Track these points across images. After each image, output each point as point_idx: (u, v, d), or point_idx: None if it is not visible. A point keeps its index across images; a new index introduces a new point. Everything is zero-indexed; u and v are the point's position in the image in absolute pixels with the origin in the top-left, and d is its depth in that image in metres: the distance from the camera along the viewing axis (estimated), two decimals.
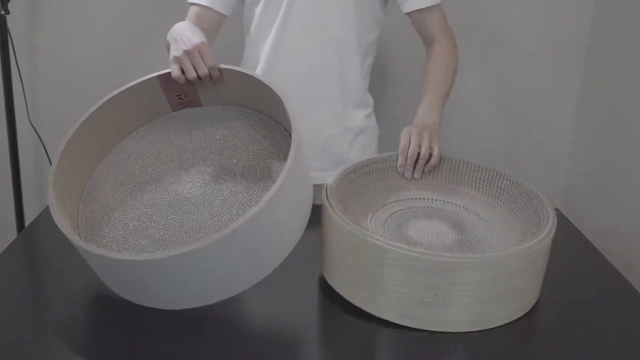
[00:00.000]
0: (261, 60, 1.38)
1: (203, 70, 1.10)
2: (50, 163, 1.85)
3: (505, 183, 1.14)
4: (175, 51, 1.11)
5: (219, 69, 1.11)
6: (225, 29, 1.44)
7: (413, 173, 1.19)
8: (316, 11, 1.33)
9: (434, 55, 1.37)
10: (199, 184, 1.09)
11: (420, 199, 1.18)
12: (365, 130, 1.45)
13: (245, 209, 1.03)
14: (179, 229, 1.02)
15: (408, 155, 1.17)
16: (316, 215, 1.08)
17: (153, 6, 1.85)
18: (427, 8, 1.35)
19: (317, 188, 1.15)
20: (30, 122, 1.83)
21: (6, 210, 1.88)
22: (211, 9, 1.35)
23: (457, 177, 1.20)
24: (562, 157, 1.98)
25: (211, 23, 1.36)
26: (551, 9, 1.85)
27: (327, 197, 1.05)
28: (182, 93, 1.16)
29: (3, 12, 1.67)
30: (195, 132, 1.17)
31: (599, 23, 1.83)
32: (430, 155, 1.19)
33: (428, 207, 1.17)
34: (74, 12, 1.84)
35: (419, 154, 1.18)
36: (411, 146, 1.17)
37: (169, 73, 1.12)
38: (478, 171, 1.18)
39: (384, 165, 1.21)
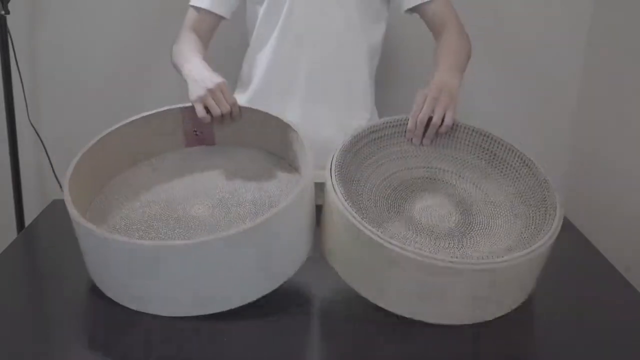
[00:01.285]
0: (264, 61, 1.38)
1: (225, 108, 1.13)
2: (50, 163, 1.85)
3: (517, 162, 1.09)
4: (199, 90, 1.14)
5: (239, 107, 1.16)
6: (227, 31, 1.44)
7: (422, 139, 1.12)
8: (318, 12, 1.33)
9: (443, 39, 1.31)
10: (207, 206, 1.11)
11: (428, 168, 1.12)
12: None
13: None
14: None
15: (418, 121, 1.10)
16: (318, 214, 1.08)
17: (154, 6, 1.85)
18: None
19: (318, 186, 1.15)
20: (30, 122, 1.83)
21: (6, 210, 1.88)
22: (211, 12, 1.36)
23: (471, 147, 1.13)
24: (562, 157, 1.98)
25: (209, 25, 1.38)
26: (550, 8, 1.85)
27: (330, 176, 1.02)
28: (199, 129, 1.21)
29: (3, 12, 1.67)
30: (210, 170, 1.19)
31: (599, 22, 1.83)
32: (442, 121, 1.11)
33: (436, 180, 1.11)
34: (74, 12, 1.84)
35: (430, 119, 1.10)
36: (423, 110, 1.09)
37: (192, 107, 1.16)
38: (492, 144, 1.11)
39: (393, 131, 1.13)
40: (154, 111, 1.18)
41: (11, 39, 1.71)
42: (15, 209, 1.81)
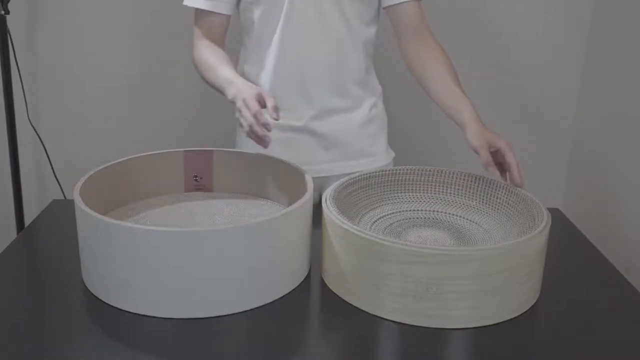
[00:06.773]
0: (266, 63, 1.38)
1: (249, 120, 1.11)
2: (50, 163, 1.86)
3: (504, 193, 1.18)
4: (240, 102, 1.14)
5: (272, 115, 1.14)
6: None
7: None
8: (317, 13, 1.33)
9: (439, 52, 1.35)
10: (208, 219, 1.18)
11: (421, 210, 1.22)
12: (372, 120, 1.46)
13: None
14: None
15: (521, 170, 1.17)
16: (318, 214, 1.08)
17: (154, 7, 1.85)
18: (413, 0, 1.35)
19: (325, 180, 1.15)
20: (30, 122, 1.83)
21: (6, 210, 1.88)
22: (216, 13, 1.37)
23: (458, 189, 1.24)
24: (563, 157, 1.99)
25: (220, 27, 1.39)
26: (551, 9, 1.85)
27: (325, 200, 1.07)
28: (199, 175, 1.26)
29: (3, 12, 1.67)
30: (209, 210, 1.22)
31: (599, 23, 1.84)
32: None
33: (429, 218, 1.20)
34: (74, 12, 1.84)
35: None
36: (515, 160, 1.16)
37: (194, 151, 1.23)
38: (476, 182, 1.22)
39: (385, 179, 1.24)
40: (159, 151, 1.23)
41: (11, 39, 1.71)
42: (15, 209, 1.81)
